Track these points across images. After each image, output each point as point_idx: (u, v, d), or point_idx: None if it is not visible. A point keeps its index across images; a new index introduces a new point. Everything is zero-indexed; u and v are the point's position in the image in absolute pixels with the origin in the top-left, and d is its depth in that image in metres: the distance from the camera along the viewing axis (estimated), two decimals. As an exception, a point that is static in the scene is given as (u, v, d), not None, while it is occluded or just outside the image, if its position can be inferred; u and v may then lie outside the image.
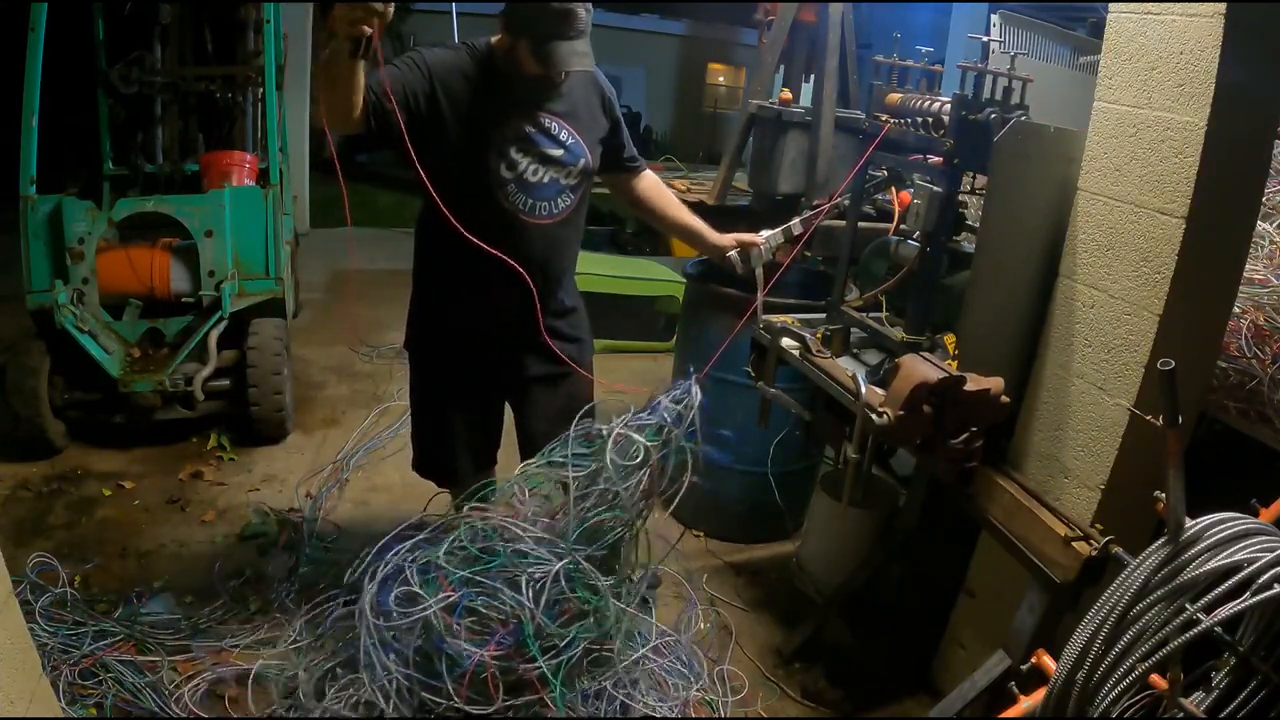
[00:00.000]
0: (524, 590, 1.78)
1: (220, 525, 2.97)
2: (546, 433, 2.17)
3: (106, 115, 4.19)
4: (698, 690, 2.12)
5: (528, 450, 2.30)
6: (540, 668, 1.74)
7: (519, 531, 1.89)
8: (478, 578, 1.81)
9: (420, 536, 1.94)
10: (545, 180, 2.06)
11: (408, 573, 1.85)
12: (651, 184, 2.36)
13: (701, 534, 3.11)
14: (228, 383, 3.43)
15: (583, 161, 2.11)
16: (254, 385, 3.37)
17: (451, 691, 1.74)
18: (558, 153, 2.06)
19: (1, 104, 3.55)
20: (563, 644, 1.78)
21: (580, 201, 2.16)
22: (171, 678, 2.17)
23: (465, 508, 2.00)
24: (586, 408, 2.07)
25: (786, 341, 2.23)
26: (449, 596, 1.79)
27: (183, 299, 3.45)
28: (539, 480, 2.03)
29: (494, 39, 2.04)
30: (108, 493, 3.09)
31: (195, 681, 2.15)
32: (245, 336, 3.42)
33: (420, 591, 1.80)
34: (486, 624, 1.80)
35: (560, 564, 1.81)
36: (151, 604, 2.46)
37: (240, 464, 3.39)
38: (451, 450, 2.33)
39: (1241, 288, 2.01)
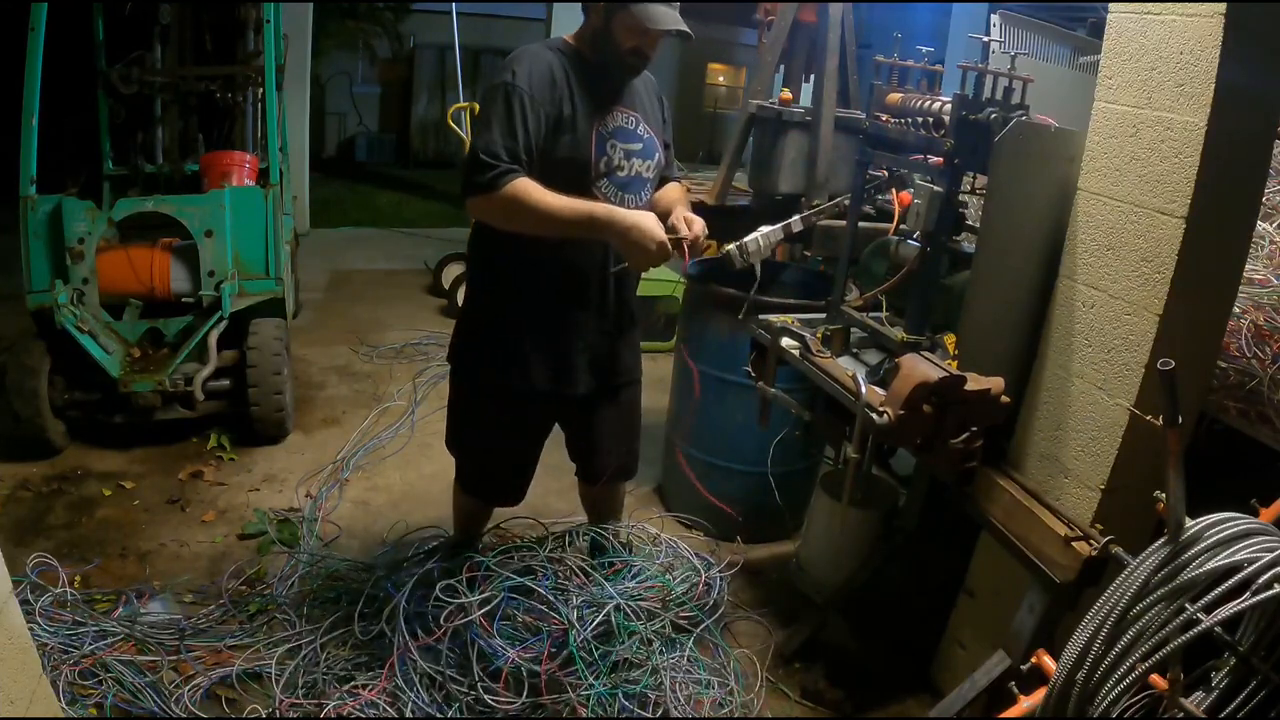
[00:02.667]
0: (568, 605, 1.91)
1: (220, 525, 2.96)
2: (613, 442, 2.28)
3: (106, 115, 4.19)
4: (706, 690, 2.13)
5: (591, 461, 2.34)
6: (577, 674, 1.84)
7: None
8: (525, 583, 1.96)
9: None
10: (632, 175, 2.07)
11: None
12: (676, 194, 2.34)
13: (701, 534, 3.11)
14: (228, 383, 3.43)
15: (657, 156, 2.14)
16: (254, 385, 3.37)
17: (479, 685, 1.82)
18: (638, 146, 2.07)
19: (1, 104, 3.55)
20: (599, 656, 1.85)
21: (652, 197, 2.18)
22: (171, 678, 2.17)
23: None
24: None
25: (786, 341, 2.23)
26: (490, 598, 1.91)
27: (183, 299, 3.45)
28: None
29: (569, 36, 2.06)
30: (108, 493, 3.09)
31: (195, 681, 2.15)
32: (245, 336, 3.42)
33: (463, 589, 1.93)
34: (526, 628, 1.93)
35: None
36: (151, 604, 2.46)
37: (240, 464, 3.38)
38: (521, 468, 2.32)
39: (1241, 288, 2.01)
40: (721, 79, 14.63)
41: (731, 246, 2.28)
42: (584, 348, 2.13)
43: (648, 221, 1.89)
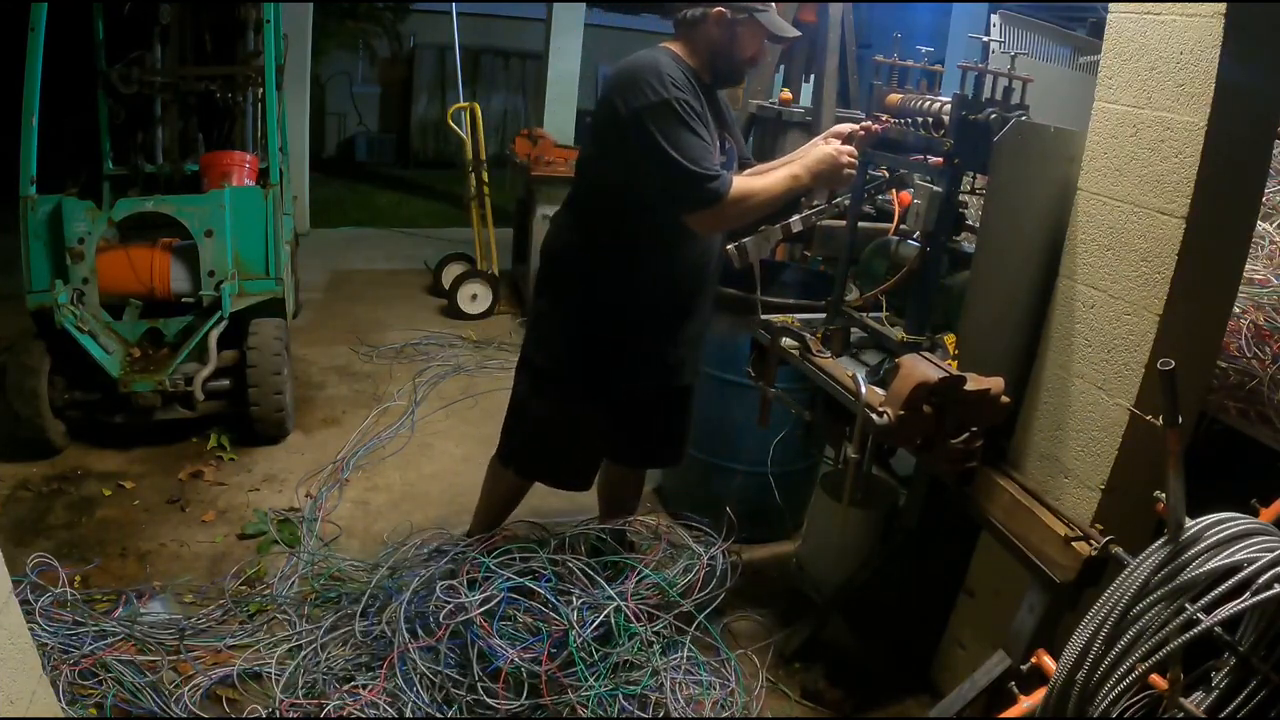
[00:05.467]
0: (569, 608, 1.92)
1: (220, 525, 2.96)
2: (671, 441, 2.44)
3: (106, 115, 4.19)
4: (708, 693, 2.13)
5: (628, 452, 2.46)
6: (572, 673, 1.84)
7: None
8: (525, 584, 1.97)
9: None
10: None
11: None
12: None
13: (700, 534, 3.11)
14: (228, 383, 3.43)
15: (736, 165, 2.21)
16: (254, 385, 3.37)
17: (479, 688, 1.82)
18: (724, 158, 2.14)
19: (1, 104, 3.55)
20: (599, 658, 1.85)
21: None
22: (171, 678, 2.17)
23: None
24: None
25: (786, 341, 2.23)
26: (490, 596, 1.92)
27: (183, 299, 3.45)
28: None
29: (670, 47, 2.08)
30: (108, 493, 3.09)
31: (195, 681, 2.15)
32: (245, 336, 3.42)
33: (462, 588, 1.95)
34: (527, 629, 1.94)
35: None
36: (151, 604, 2.46)
37: (240, 464, 3.38)
38: (598, 452, 2.39)
39: (1241, 288, 2.01)
40: (721, 79, 14.65)
41: (731, 247, 2.29)
42: (685, 340, 2.26)
43: (824, 152, 2.06)
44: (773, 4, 2.04)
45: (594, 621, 1.90)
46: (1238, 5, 1.58)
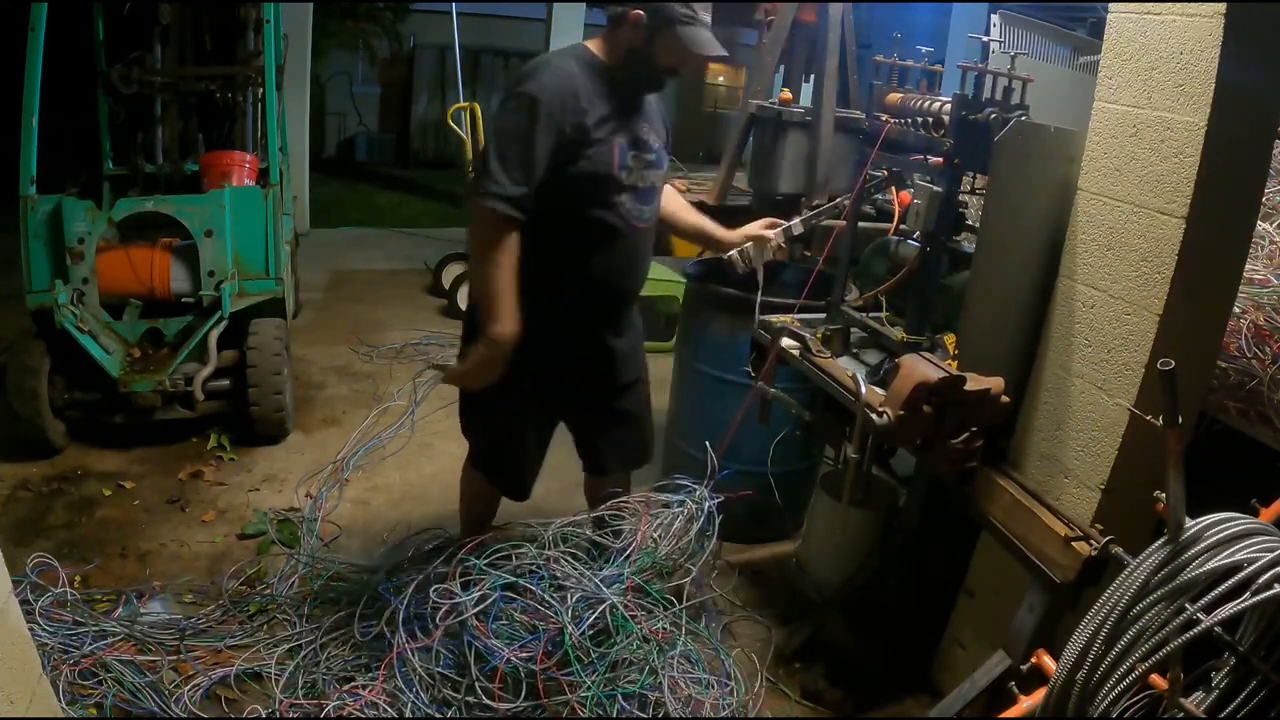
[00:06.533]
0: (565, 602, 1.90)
1: (220, 525, 2.96)
2: (618, 443, 2.36)
3: (106, 115, 4.19)
4: (707, 692, 2.13)
5: (600, 466, 2.41)
6: (570, 673, 1.84)
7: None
8: (519, 581, 1.96)
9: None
10: (647, 186, 2.11)
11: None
12: (670, 193, 2.39)
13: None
14: (228, 383, 3.43)
15: (665, 165, 2.19)
16: (254, 385, 3.37)
17: (477, 687, 1.83)
18: (652, 158, 2.11)
19: (1, 104, 3.55)
20: (596, 657, 1.85)
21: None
22: (171, 678, 2.17)
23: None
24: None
25: (786, 341, 2.23)
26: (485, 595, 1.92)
27: (183, 299, 3.45)
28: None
29: (591, 44, 2.05)
30: (108, 493, 3.09)
31: (195, 681, 2.15)
32: (245, 336, 3.42)
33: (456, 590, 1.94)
34: (522, 628, 1.93)
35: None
36: (151, 604, 2.46)
37: (240, 464, 3.38)
38: (532, 463, 2.35)
39: (1241, 288, 2.01)
40: (721, 79, 14.62)
41: (733, 252, 2.29)
42: (593, 350, 2.21)
43: (500, 368, 2.00)
44: (706, 15, 1.94)
45: (589, 619, 1.88)
46: (1238, 5, 1.58)
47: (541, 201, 1.94)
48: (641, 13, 1.93)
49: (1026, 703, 1.54)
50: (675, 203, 2.39)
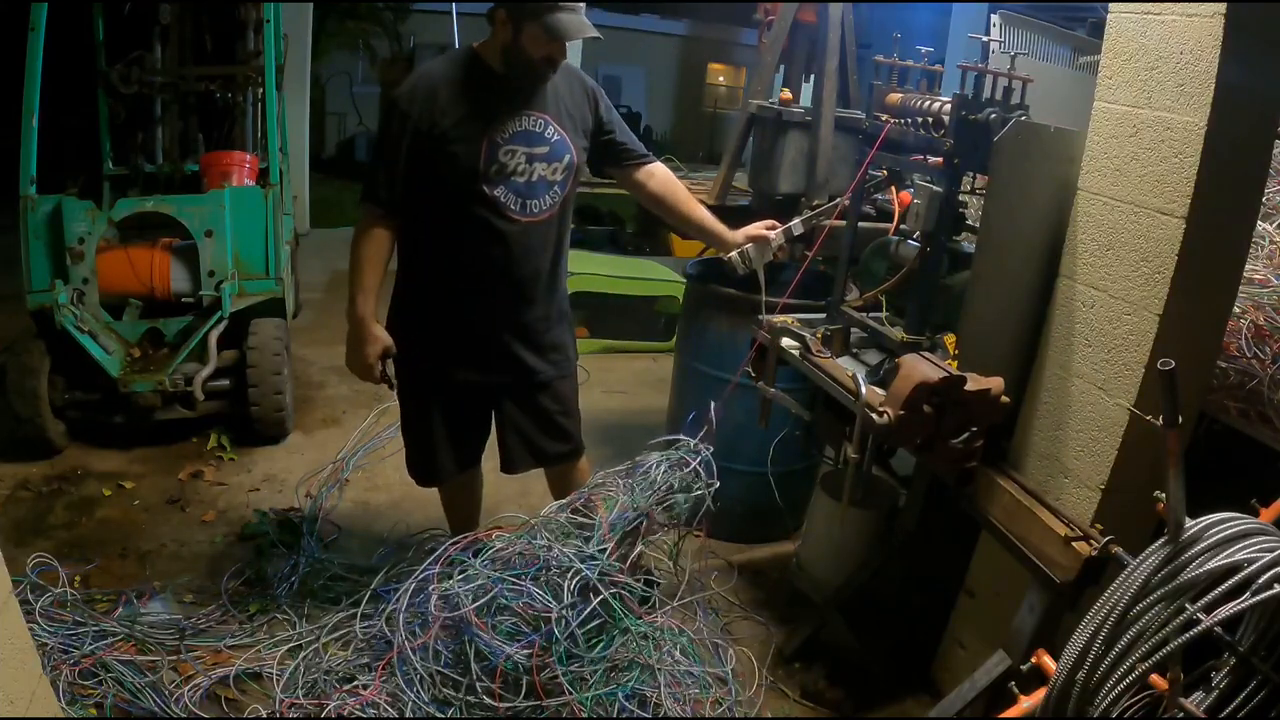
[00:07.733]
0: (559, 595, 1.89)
1: (220, 525, 2.96)
2: (523, 442, 2.33)
3: (106, 115, 4.19)
4: (703, 691, 2.12)
5: (507, 462, 2.39)
6: (569, 672, 1.84)
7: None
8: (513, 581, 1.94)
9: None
10: (534, 179, 2.11)
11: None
12: (664, 179, 2.37)
13: (701, 534, 3.11)
14: (228, 383, 3.43)
15: (568, 158, 2.15)
16: (254, 385, 3.37)
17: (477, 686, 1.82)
18: (544, 149, 2.11)
19: (1, 104, 3.55)
20: (591, 654, 1.83)
21: (567, 199, 2.20)
22: (171, 678, 2.17)
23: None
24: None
25: (786, 341, 2.23)
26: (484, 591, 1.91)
27: (183, 299, 3.45)
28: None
29: (477, 44, 2.11)
30: (108, 493, 3.09)
31: (195, 681, 2.15)
32: (245, 336, 3.42)
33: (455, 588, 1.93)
34: (520, 623, 1.91)
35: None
36: (151, 604, 2.46)
37: (240, 464, 3.38)
38: (433, 451, 2.36)
39: (1241, 288, 2.01)
40: (721, 79, 14.64)
41: (733, 253, 2.29)
42: (491, 343, 2.23)
43: (364, 346, 2.19)
44: (573, 3, 1.97)
45: (584, 614, 1.86)
46: (1238, 5, 1.58)
47: (415, 196, 2.08)
48: (502, 9, 1.99)
49: (1026, 703, 1.54)
50: (677, 196, 2.38)
